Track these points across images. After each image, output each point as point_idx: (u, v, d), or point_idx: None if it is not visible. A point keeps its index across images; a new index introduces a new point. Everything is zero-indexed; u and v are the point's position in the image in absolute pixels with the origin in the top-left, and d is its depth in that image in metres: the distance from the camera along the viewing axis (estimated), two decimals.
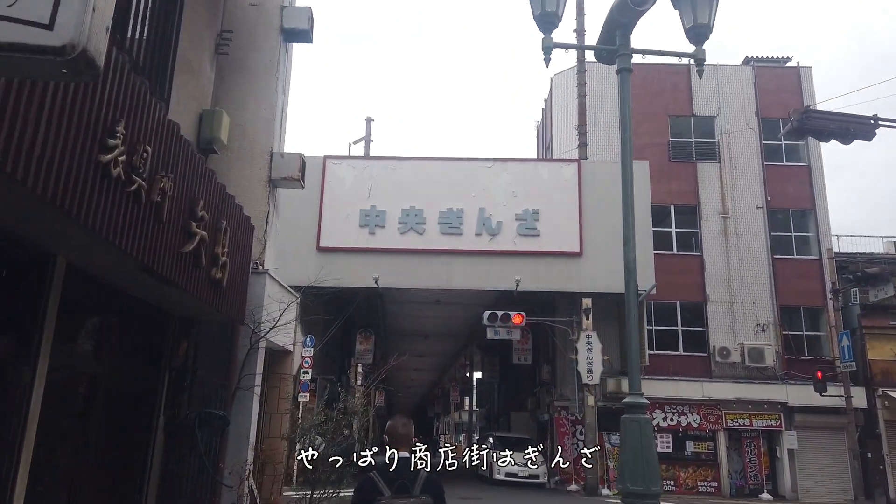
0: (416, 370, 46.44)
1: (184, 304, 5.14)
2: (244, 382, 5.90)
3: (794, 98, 23.10)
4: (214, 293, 4.92)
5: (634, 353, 5.36)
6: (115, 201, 3.32)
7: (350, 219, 19.30)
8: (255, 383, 6.01)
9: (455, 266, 19.01)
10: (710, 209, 22.03)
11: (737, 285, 21.20)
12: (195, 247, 4.32)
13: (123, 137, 3.24)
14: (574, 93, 23.11)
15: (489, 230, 19.12)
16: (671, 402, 20.06)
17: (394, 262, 19.10)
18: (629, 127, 5.66)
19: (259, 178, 6.59)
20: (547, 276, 18.80)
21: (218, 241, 4.79)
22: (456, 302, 24.21)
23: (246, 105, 6.65)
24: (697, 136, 22.97)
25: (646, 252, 18.70)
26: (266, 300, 6.19)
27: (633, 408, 4.80)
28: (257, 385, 6.07)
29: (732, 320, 20.94)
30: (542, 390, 22.97)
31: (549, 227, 19.05)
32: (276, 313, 6.07)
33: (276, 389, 7.13)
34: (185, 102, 5.56)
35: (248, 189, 6.38)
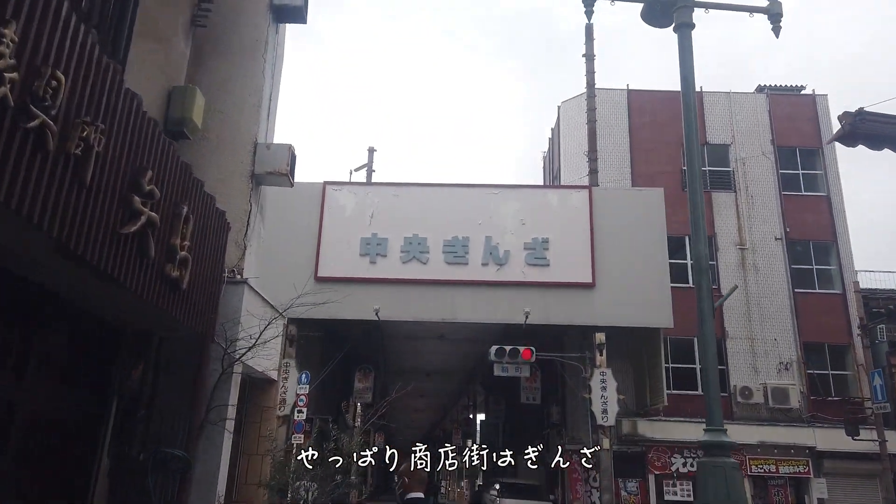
0: (417, 410, 44.84)
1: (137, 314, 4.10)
2: (214, 415, 4.83)
3: (811, 126, 22.41)
4: (171, 297, 3.90)
5: (712, 375, 4.27)
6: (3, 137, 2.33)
7: (350, 247, 18.31)
8: (228, 416, 4.94)
9: (460, 297, 17.93)
10: (726, 240, 21.05)
11: (757, 321, 20.06)
12: (140, 229, 3.32)
13: (15, 47, 2.26)
14: (583, 119, 22.40)
15: (496, 259, 18.10)
16: (691, 447, 18.69)
17: (395, 292, 18.04)
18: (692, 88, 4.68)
19: (240, 171, 5.64)
20: (557, 308, 17.70)
21: (176, 230, 3.80)
22: (460, 337, 23.04)
23: (228, 89, 5.75)
24: (711, 165, 22.13)
25: (662, 285, 17.68)
26: (244, 315, 5.17)
27: (714, 449, 3.74)
28: (230, 419, 4.99)
29: (753, 358, 19.74)
30: (552, 432, 21.60)
31: (559, 256, 18.03)
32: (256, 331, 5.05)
33: (256, 425, 6.02)
34: (149, 72, 4.64)
35: (227, 184, 5.43)
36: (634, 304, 17.49)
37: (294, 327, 18.15)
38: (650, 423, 18.72)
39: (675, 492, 18.45)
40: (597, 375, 17.50)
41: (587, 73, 21.28)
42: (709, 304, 4.41)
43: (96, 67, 2.86)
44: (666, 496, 18.42)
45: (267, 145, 5.85)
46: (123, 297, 3.64)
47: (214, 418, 4.79)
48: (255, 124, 5.75)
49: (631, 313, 17.53)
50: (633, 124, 22.55)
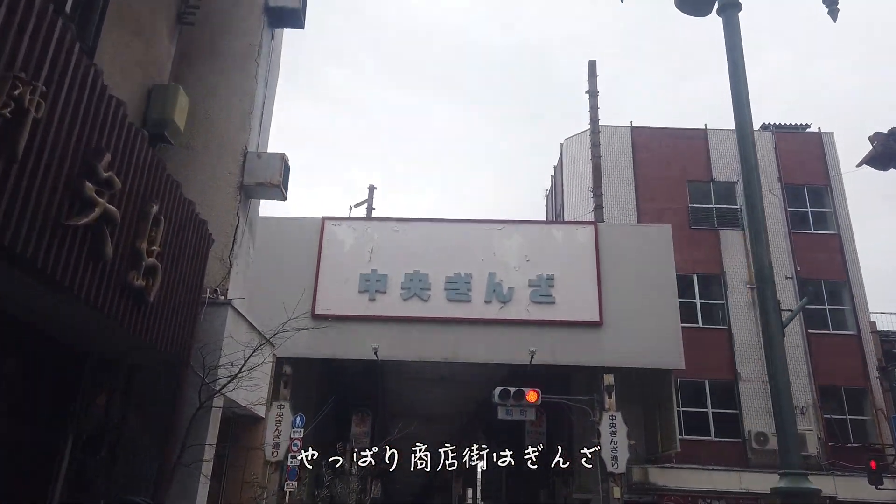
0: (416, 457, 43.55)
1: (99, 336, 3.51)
2: (189, 456, 4.19)
3: (818, 164, 22.11)
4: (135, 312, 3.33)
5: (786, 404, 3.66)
6: None
7: (349, 283, 17.72)
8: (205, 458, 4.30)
9: (462, 336, 17.26)
10: (735, 279, 20.48)
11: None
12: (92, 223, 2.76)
13: None
14: (586, 155, 22.11)
15: (500, 297, 17.49)
16: (705, 496, 17.77)
17: (395, 331, 17.38)
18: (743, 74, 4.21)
19: (228, 182, 5.14)
20: (564, 348, 17.00)
21: (142, 231, 3.25)
22: (461, 380, 22.26)
23: (217, 94, 5.29)
24: (718, 202, 21.74)
25: (672, 324, 17.04)
26: (227, 341, 4.58)
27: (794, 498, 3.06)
28: (207, 460, 4.35)
29: (767, 402, 18.87)
30: (558, 480, 20.60)
31: (565, 294, 17.43)
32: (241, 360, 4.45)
33: (240, 469, 5.35)
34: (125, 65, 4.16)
35: (212, 195, 4.91)
36: (644, 344, 16.81)
37: (289, 367, 17.42)
38: (662, 470, 17.81)
39: None
40: (606, 419, 16.69)
41: (591, 109, 21.06)
42: (776, 319, 3.82)
43: (38, 16, 2.36)
44: None
45: (258, 154, 5.35)
46: (78, 312, 3.06)
47: (189, 460, 4.15)
48: (246, 132, 5.26)
49: (640, 354, 16.84)
50: (638, 161, 22.25)
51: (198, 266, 4.25)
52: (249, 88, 5.37)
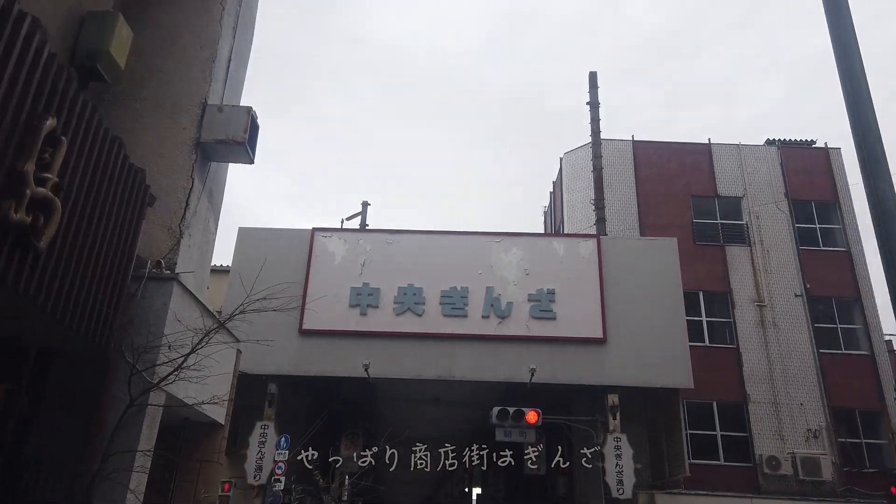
0: (408, 483, 42.03)
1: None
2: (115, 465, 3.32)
3: (826, 180, 21.48)
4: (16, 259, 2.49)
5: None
6: None
7: (339, 298, 16.86)
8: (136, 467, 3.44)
9: (458, 353, 16.37)
10: (743, 296, 19.68)
11: (780, 383, 18.45)
12: None
13: None
14: (586, 169, 21.46)
15: (498, 312, 16.64)
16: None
17: (388, 347, 16.49)
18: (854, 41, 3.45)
19: (181, 139, 4.34)
20: (565, 366, 16.13)
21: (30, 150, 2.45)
22: (456, 400, 21.28)
23: (175, 40, 4.51)
24: (723, 218, 21.03)
25: (679, 341, 16.21)
26: (171, 325, 3.75)
27: None
28: (139, 471, 3.49)
29: (779, 424, 18.01)
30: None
31: (566, 309, 16.60)
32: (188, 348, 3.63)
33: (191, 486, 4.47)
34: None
35: (162, 155, 4.14)
36: (650, 363, 15.95)
37: (274, 385, 16.49)
38: (670, 496, 16.80)
39: None
40: (610, 441, 15.74)
41: (592, 121, 20.45)
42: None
43: None
44: None
45: (219, 108, 4.55)
46: None
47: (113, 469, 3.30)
48: (206, 84, 4.49)
49: (646, 372, 15.96)
50: (640, 176, 21.60)
51: (128, 225, 3.44)
52: (212, 34, 4.59)
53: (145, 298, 3.72)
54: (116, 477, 3.32)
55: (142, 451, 3.52)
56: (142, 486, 3.58)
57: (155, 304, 3.81)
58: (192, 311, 4.29)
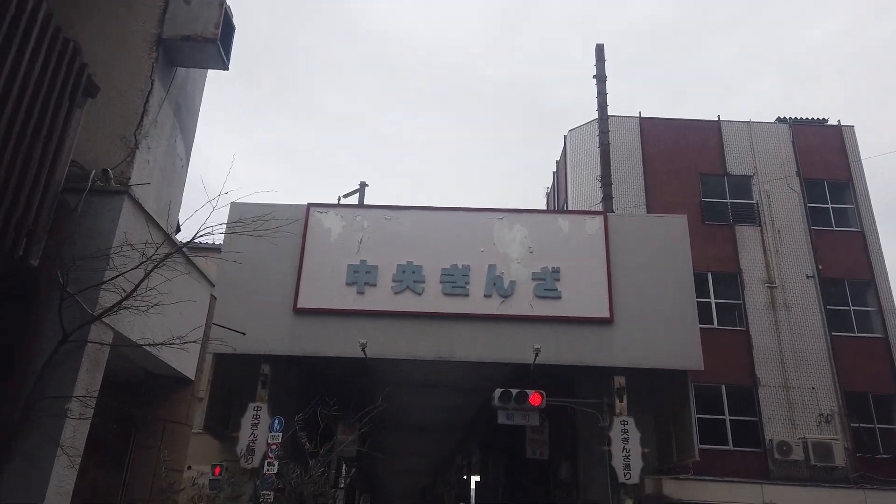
0: (406, 471, 41.62)
1: None
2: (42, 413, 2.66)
3: (839, 158, 20.81)
4: None
5: None
6: None
7: (335, 275, 16.18)
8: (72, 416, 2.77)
9: (459, 333, 15.71)
10: (753, 277, 19.06)
11: (791, 366, 17.85)
12: None
13: None
14: (592, 146, 20.77)
15: (500, 291, 15.98)
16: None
17: (386, 326, 15.84)
18: None
19: (139, 33, 3.65)
20: (571, 347, 15.48)
21: None
22: (455, 386, 20.69)
23: None
24: (733, 197, 20.37)
25: (689, 322, 15.57)
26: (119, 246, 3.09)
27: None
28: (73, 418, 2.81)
29: (790, 409, 17.44)
30: (561, 493, 18.95)
31: (572, 288, 15.94)
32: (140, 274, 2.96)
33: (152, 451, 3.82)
34: None
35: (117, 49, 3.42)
36: (658, 344, 15.33)
37: (268, 366, 15.84)
38: (678, 482, 16.25)
39: None
40: (617, 425, 15.14)
41: (598, 95, 19.68)
42: None
43: None
44: None
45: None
46: None
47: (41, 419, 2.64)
48: None
49: (655, 353, 15.34)
50: (647, 154, 20.91)
51: (57, 114, 2.75)
52: None
53: (88, 215, 3.06)
54: (44, 428, 2.68)
55: (78, 399, 2.87)
56: (78, 442, 2.93)
57: (100, 222, 3.14)
58: (145, 231, 3.59)
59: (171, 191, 4.22)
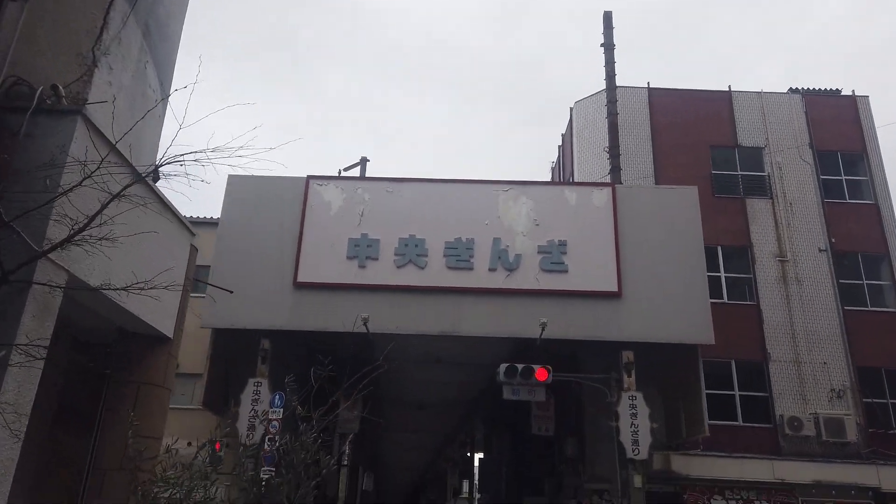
0: (409, 448, 41.53)
1: None
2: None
3: (853, 129, 20.24)
4: None
5: None
6: None
7: (336, 249, 15.79)
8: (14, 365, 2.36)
9: (463, 307, 15.34)
10: (764, 251, 18.61)
11: (803, 341, 17.48)
12: None
13: None
14: (599, 117, 20.22)
15: (506, 265, 15.58)
16: (734, 486, 15.94)
17: (388, 301, 15.47)
18: None
19: None
20: (578, 321, 15.11)
21: None
22: (459, 362, 20.34)
23: None
24: (744, 169, 19.86)
25: (699, 295, 15.19)
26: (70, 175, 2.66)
27: None
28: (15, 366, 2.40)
29: (801, 384, 17.09)
30: (567, 470, 18.71)
31: (579, 261, 15.54)
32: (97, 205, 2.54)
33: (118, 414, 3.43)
34: None
35: None
36: (668, 318, 14.96)
37: (268, 341, 15.50)
38: (686, 458, 15.97)
39: None
40: (625, 400, 14.81)
41: (606, 64, 19.11)
42: None
43: None
44: None
45: None
46: None
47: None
48: None
49: (664, 327, 14.97)
50: (656, 125, 20.35)
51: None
52: None
53: (34, 137, 2.64)
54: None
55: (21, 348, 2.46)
56: (24, 400, 2.54)
57: (48, 146, 2.71)
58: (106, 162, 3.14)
59: (143, 125, 3.79)
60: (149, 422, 3.76)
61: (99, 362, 3.29)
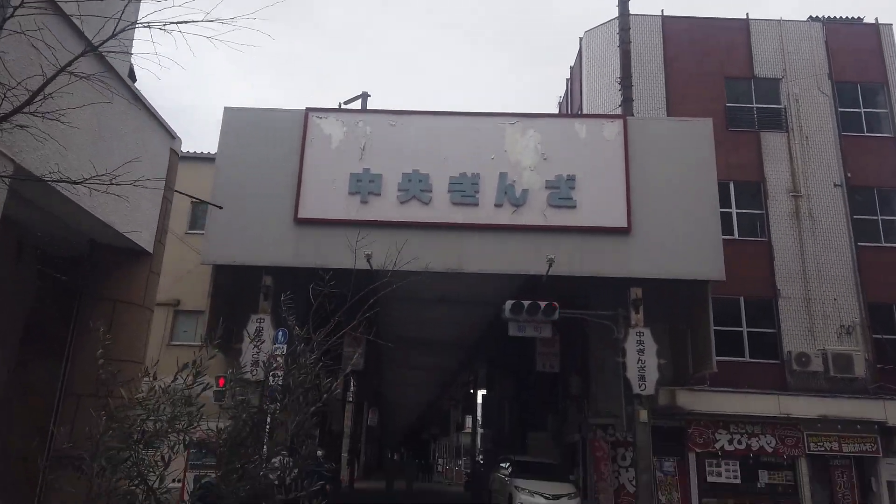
0: (413, 385, 42.08)
1: None
2: None
3: (874, 59, 19.42)
4: None
5: None
6: None
7: (337, 184, 15.33)
8: None
9: (469, 243, 15.00)
10: (777, 187, 18.12)
11: (814, 278, 17.20)
12: None
13: None
14: (610, 47, 19.37)
15: (512, 200, 15.15)
16: (738, 421, 15.96)
17: (391, 237, 14.97)
18: None
19: None
20: (586, 257, 14.79)
21: None
22: (463, 300, 20.16)
23: None
24: (759, 102, 19.14)
25: (711, 231, 14.83)
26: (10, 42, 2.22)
27: None
28: None
29: (810, 321, 16.91)
30: (571, 406, 18.78)
31: (588, 196, 15.10)
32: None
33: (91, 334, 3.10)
34: None
35: None
36: (678, 253, 14.62)
37: (270, 278, 15.23)
38: (692, 393, 15.93)
39: (720, 472, 15.71)
40: (632, 336, 14.64)
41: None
42: None
43: None
44: (709, 477, 15.69)
45: None
46: None
47: None
48: None
49: (674, 264, 14.66)
50: (669, 56, 19.50)
51: None
52: None
53: None
54: None
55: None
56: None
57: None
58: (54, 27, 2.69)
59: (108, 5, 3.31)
60: (125, 343, 3.45)
61: (70, 278, 2.96)
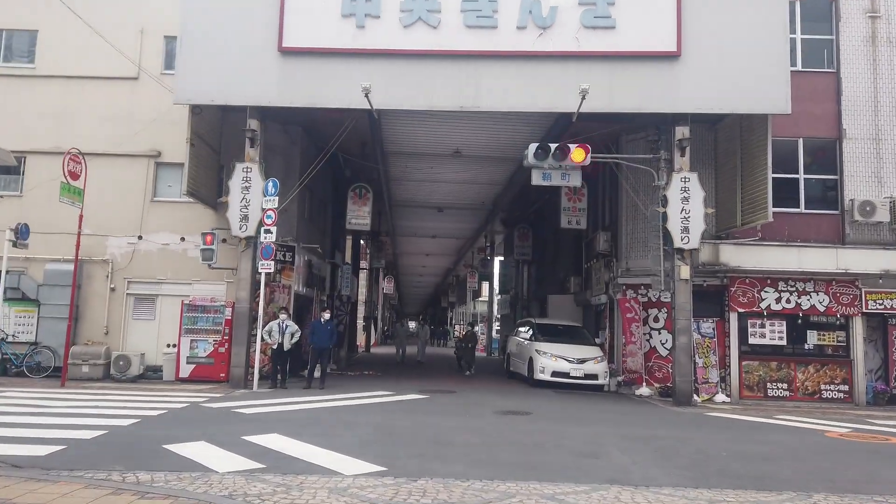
0: (428, 254, 41.00)
1: None
2: None
3: None
4: None
5: None
6: None
7: (327, 5, 12.80)
8: None
9: (486, 75, 12.66)
10: (851, 5, 15.23)
11: (886, 114, 14.82)
12: None
13: None
14: None
15: (538, 20, 12.58)
16: (789, 278, 14.26)
17: (394, 69, 12.82)
18: None
19: None
20: (627, 90, 12.46)
21: None
22: (480, 154, 18.06)
23: None
24: None
25: (776, 54, 12.34)
26: None
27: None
28: None
29: (878, 164, 14.72)
30: (598, 265, 17.15)
31: (630, 14, 12.50)
32: None
33: None
34: None
35: None
36: (736, 82, 12.26)
37: (255, 120, 13.14)
38: (737, 248, 14.16)
39: (764, 333, 14.26)
40: (676, 182, 12.64)
41: None
42: None
43: None
44: (752, 338, 14.27)
45: None
46: None
47: None
48: None
49: (731, 95, 12.35)
50: None
51: None
52: None
53: None
54: None
55: None
56: None
57: None
58: None
59: None
60: None
61: None
